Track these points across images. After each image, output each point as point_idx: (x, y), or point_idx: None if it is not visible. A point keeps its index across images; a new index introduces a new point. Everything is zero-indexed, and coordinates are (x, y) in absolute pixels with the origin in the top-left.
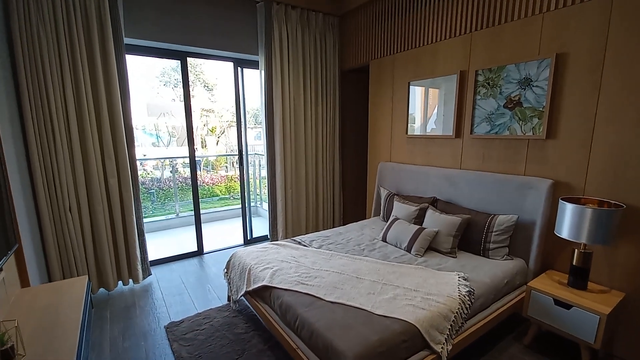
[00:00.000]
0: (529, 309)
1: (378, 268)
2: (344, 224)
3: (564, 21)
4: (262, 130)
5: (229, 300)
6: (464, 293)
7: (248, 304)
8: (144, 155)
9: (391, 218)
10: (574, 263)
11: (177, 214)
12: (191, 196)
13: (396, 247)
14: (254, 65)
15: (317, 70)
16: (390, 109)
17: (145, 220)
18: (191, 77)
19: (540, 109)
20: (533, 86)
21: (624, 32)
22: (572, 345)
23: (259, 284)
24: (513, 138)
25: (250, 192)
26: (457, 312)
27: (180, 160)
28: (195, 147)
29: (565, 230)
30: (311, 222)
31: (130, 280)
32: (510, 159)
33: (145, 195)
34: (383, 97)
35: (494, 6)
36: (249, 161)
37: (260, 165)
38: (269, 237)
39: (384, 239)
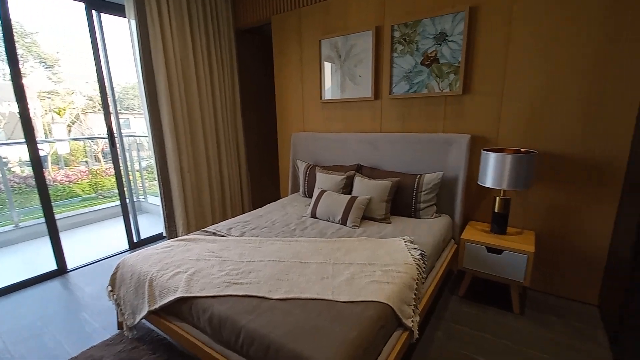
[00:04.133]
0: (464, 261)
1: (320, 247)
2: (254, 208)
3: None
4: (139, 110)
5: (120, 327)
6: (417, 257)
7: (153, 327)
8: None
9: (316, 191)
10: (495, 210)
11: (17, 225)
12: (37, 200)
13: (329, 221)
14: (118, 10)
15: (207, 26)
16: (299, 72)
17: None
18: (19, 50)
19: (456, 65)
20: (449, 41)
21: None
22: (500, 288)
23: (171, 298)
24: (431, 96)
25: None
26: (417, 279)
27: (14, 156)
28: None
29: (489, 179)
30: (218, 210)
31: None
32: (430, 117)
33: None
34: (290, 59)
35: None
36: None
37: (138, 153)
38: (164, 234)
39: (314, 215)
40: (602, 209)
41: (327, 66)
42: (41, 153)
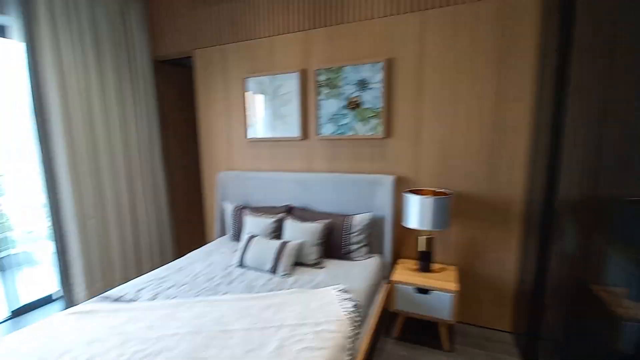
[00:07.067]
0: (396, 303)
1: (248, 307)
2: (180, 256)
3: (390, 29)
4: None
5: None
6: (350, 309)
7: None
8: None
9: (246, 236)
10: (420, 249)
11: None
12: None
13: (258, 270)
14: None
15: (118, 55)
16: (225, 109)
17: None
18: None
19: (378, 110)
20: (369, 88)
21: (436, 40)
22: (430, 325)
23: None
24: (357, 138)
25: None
26: (352, 336)
27: None
28: None
29: (412, 221)
30: (131, 261)
31: None
32: (357, 158)
33: None
34: (216, 95)
35: (329, 6)
36: None
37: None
38: (62, 295)
39: (242, 264)
40: (509, 243)
41: (259, 103)
42: None
